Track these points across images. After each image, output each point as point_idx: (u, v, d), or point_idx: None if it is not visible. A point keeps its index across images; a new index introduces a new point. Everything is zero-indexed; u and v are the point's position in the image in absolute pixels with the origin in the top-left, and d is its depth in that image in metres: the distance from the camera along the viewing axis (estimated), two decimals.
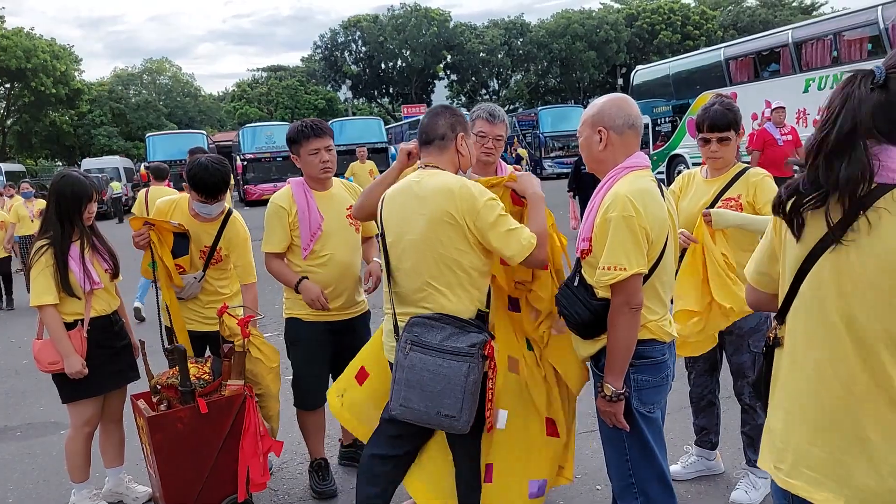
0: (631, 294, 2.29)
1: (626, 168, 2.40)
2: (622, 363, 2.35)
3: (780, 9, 50.04)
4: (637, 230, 2.26)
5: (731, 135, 3.27)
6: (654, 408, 2.47)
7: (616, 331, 2.32)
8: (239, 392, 3.35)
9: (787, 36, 15.22)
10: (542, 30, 52.00)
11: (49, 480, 4.20)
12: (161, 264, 3.60)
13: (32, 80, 39.57)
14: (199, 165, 3.53)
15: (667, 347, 2.47)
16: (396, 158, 3.16)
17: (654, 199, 2.34)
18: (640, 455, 2.46)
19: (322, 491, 3.76)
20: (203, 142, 28.92)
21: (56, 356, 3.36)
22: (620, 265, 2.25)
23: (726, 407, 4.50)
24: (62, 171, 3.63)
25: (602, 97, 2.54)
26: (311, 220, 3.51)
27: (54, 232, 3.39)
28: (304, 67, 59.60)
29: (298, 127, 3.54)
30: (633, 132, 2.45)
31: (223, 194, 3.66)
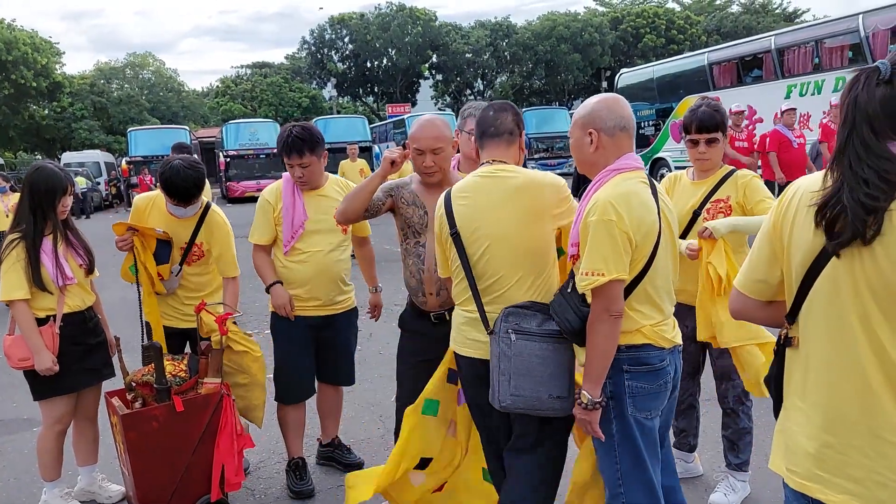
0: (611, 301, 2.24)
1: (615, 170, 2.35)
2: (600, 371, 2.30)
3: (764, 15, 50.52)
4: (617, 235, 2.22)
5: (718, 136, 3.26)
6: (650, 415, 2.40)
7: (594, 337, 2.27)
8: (216, 390, 3.31)
9: (770, 42, 15.37)
10: (528, 31, 52.11)
11: (20, 479, 4.13)
12: (143, 270, 3.57)
13: (12, 73, 39.04)
14: (172, 169, 3.46)
15: (666, 353, 2.39)
16: (380, 167, 3.11)
17: (641, 202, 2.29)
18: (632, 464, 2.40)
19: (300, 491, 3.73)
20: (186, 137, 28.65)
21: (27, 353, 3.28)
22: (598, 270, 2.21)
23: (705, 410, 4.53)
24: (37, 163, 3.55)
25: (593, 97, 2.49)
26: (295, 217, 3.54)
27: (27, 225, 3.32)
28: (290, 65, 59.32)
29: (281, 137, 3.57)
30: (625, 134, 2.40)
31: (196, 198, 3.61)
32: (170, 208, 3.63)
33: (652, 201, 2.33)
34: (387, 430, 4.05)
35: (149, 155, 27.76)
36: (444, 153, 3.05)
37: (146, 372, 3.32)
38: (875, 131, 1.47)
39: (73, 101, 45.49)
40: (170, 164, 3.49)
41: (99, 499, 3.74)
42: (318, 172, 3.57)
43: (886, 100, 1.47)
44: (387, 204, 3.19)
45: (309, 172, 3.54)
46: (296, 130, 3.51)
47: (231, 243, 3.80)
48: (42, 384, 3.37)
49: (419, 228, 3.12)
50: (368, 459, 4.06)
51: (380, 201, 3.16)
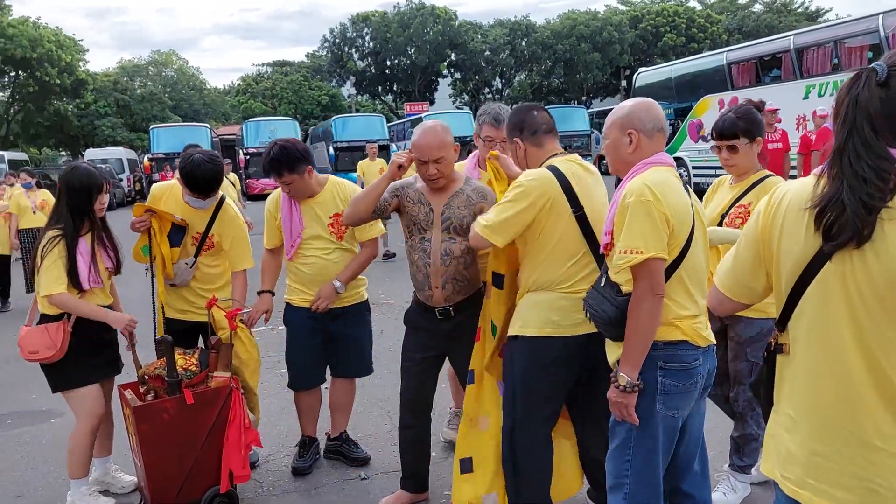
0: (654, 279, 2.23)
1: (648, 164, 2.39)
2: (640, 353, 2.29)
3: (786, 14, 49.97)
4: (655, 214, 2.23)
5: (739, 143, 3.24)
6: (677, 413, 2.40)
7: (636, 318, 2.26)
8: (225, 384, 3.39)
9: (789, 42, 15.26)
10: (548, 30, 51.95)
11: (37, 468, 4.24)
12: (158, 251, 3.67)
13: (37, 70, 39.58)
14: (193, 163, 3.55)
15: (700, 353, 2.38)
16: (388, 170, 3.20)
17: (674, 190, 2.33)
18: (643, 461, 2.40)
19: (295, 467, 3.93)
20: (207, 135, 28.96)
21: (37, 346, 3.34)
22: (637, 248, 2.22)
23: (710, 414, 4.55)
24: (72, 163, 3.62)
25: (629, 100, 2.55)
26: (293, 228, 3.71)
27: (66, 225, 3.37)
28: (310, 63, 59.60)
29: (263, 156, 3.67)
30: (662, 135, 2.48)
31: (215, 192, 3.71)
32: (187, 199, 3.72)
33: (685, 193, 2.39)
34: (394, 426, 4.10)
35: (170, 152, 28.02)
36: (445, 161, 3.13)
37: (158, 365, 3.41)
38: (875, 130, 1.47)
39: (96, 99, 46.05)
40: (190, 158, 3.58)
41: (112, 489, 3.81)
42: (303, 187, 3.64)
43: (883, 101, 1.47)
44: (393, 204, 3.27)
45: (293, 189, 3.64)
46: (274, 151, 3.58)
47: (242, 237, 3.90)
48: (56, 377, 3.44)
49: (425, 225, 3.20)
50: (375, 454, 4.13)
51: (386, 202, 3.26)
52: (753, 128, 3.25)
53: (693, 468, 2.60)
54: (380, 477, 3.89)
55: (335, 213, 3.69)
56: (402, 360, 3.47)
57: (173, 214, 3.70)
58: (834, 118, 1.56)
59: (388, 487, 3.71)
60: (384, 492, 3.66)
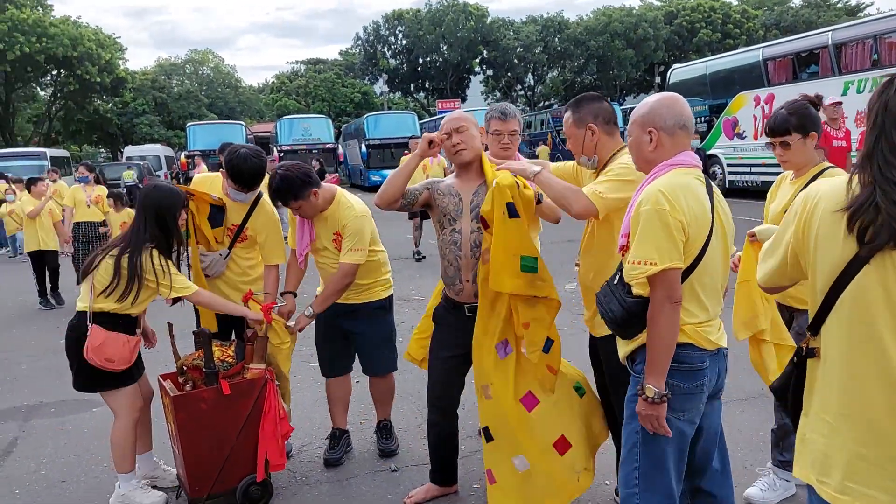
0: (671, 288, 2.21)
1: (671, 165, 2.34)
2: (663, 362, 2.26)
3: (825, 9, 48.96)
4: (670, 223, 2.19)
5: (791, 139, 3.18)
6: (683, 416, 2.36)
7: (656, 327, 2.23)
8: (260, 375, 3.49)
9: (828, 37, 14.99)
10: (581, 27, 51.60)
11: (80, 456, 4.39)
12: (199, 232, 3.81)
13: (78, 69, 40.42)
14: (239, 157, 3.65)
15: (708, 356, 2.35)
16: (419, 146, 3.30)
17: (694, 196, 2.26)
18: (652, 466, 2.37)
19: (327, 458, 4.04)
20: (242, 132, 29.34)
21: (116, 356, 3.36)
22: (650, 259, 2.18)
23: (741, 409, 4.56)
24: (152, 182, 3.71)
25: (652, 96, 2.48)
26: (303, 238, 3.82)
27: (159, 244, 3.43)
28: (343, 61, 60.01)
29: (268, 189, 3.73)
30: (685, 132, 2.39)
31: (258, 185, 3.81)
32: (230, 192, 3.82)
33: (706, 198, 2.31)
34: (424, 420, 4.17)
35: (207, 149, 28.49)
36: (467, 131, 3.23)
37: (196, 357, 3.52)
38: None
39: (135, 97, 46.94)
40: (237, 152, 3.67)
41: (161, 483, 3.85)
42: (311, 208, 3.69)
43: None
44: (423, 195, 3.33)
45: (303, 212, 3.72)
46: (276, 182, 3.60)
47: (276, 231, 4.00)
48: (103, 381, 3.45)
49: (454, 215, 3.26)
50: (406, 447, 4.21)
51: (417, 192, 3.33)
52: (807, 122, 3.18)
53: (712, 466, 2.58)
54: (410, 469, 3.96)
55: (336, 233, 3.77)
56: (430, 357, 3.51)
57: (210, 194, 3.80)
58: (866, 122, 1.56)
59: (417, 480, 3.78)
60: (414, 484, 3.73)
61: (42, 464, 4.30)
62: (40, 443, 4.63)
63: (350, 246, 3.67)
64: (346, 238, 3.69)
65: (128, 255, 3.35)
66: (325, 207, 3.75)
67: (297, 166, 3.66)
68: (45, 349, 6.95)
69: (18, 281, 11.36)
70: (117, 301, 3.36)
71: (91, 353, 3.33)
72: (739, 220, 11.36)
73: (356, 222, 3.68)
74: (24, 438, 4.72)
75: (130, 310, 3.43)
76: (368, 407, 4.61)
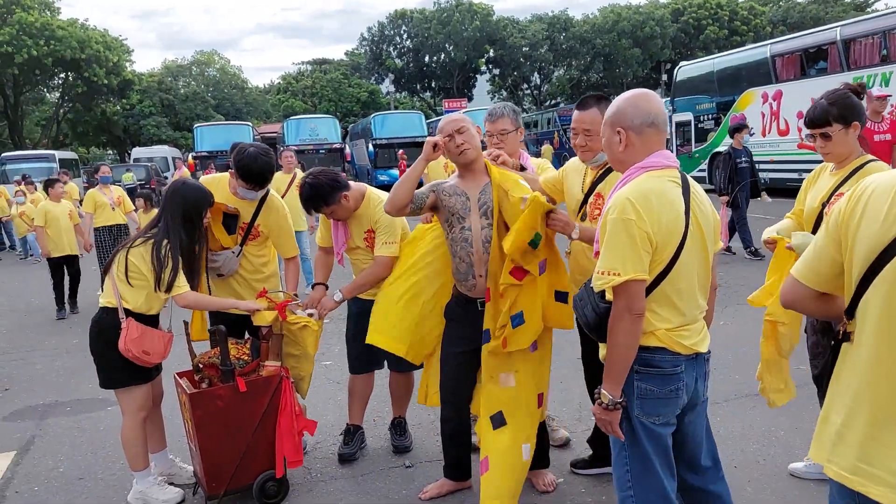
0: (632, 300, 2.19)
1: (642, 168, 2.29)
2: (620, 371, 2.26)
3: (833, 5, 48.78)
4: (636, 234, 2.16)
5: (832, 130, 3.12)
6: (658, 420, 2.34)
7: (615, 336, 2.23)
8: (276, 373, 3.52)
9: (836, 33, 14.95)
10: (587, 25, 51.54)
11: (97, 453, 4.44)
12: (212, 237, 3.86)
13: (85, 71, 40.64)
14: (249, 156, 3.68)
15: (683, 360, 2.32)
16: (423, 150, 3.33)
17: (664, 202, 2.21)
18: (641, 468, 2.36)
19: (340, 454, 4.09)
20: (249, 133, 29.45)
21: (153, 349, 3.43)
22: (614, 270, 2.17)
23: (753, 405, 4.57)
24: (179, 180, 3.76)
25: (624, 94, 2.44)
26: (338, 237, 3.92)
27: (181, 239, 3.47)
28: (349, 61, 60.10)
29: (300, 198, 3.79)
30: (654, 130, 2.33)
31: (268, 183, 3.86)
32: (239, 191, 3.86)
33: (680, 201, 2.26)
34: (436, 416, 4.19)
35: (214, 150, 28.64)
36: (467, 131, 3.27)
37: (212, 354, 3.55)
38: None
39: (142, 98, 47.13)
40: (246, 152, 3.71)
41: (178, 480, 3.88)
42: (344, 211, 3.76)
43: None
44: (430, 199, 3.36)
45: (336, 215, 3.79)
46: (305, 192, 3.70)
47: (286, 226, 4.06)
48: (119, 376, 3.50)
49: (463, 213, 3.29)
50: (419, 443, 4.24)
51: (424, 195, 3.35)
52: (848, 112, 3.10)
53: (701, 464, 2.56)
54: (423, 465, 3.99)
55: (368, 230, 3.84)
56: (442, 353, 3.53)
57: (225, 204, 3.84)
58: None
59: (431, 475, 3.81)
60: (428, 479, 3.76)
61: (60, 461, 4.35)
62: (57, 441, 4.68)
63: (384, 240, 3.75)
64: (380, 233, 3.77)
65: (165, 244, 3.41)
66: (358, 207, 3.81)
67: (324, 172, 3.75)
68: (60, 349, 7.02)
69: (31, 282, 11.46)
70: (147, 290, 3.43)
71: (129, 345, 3.37)
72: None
73: (387, 217, 3.71)
74: (41, 437, 4.77)
75: (151, 310, 3.48)
76: (381, 404, 4.64)
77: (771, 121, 16.69)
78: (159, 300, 3.49)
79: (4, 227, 16.66)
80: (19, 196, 14.90)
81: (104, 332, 3.45)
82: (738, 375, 5.06)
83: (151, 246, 3.41)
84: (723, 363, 5.26)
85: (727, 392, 4.74)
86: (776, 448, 3.94)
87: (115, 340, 3.37)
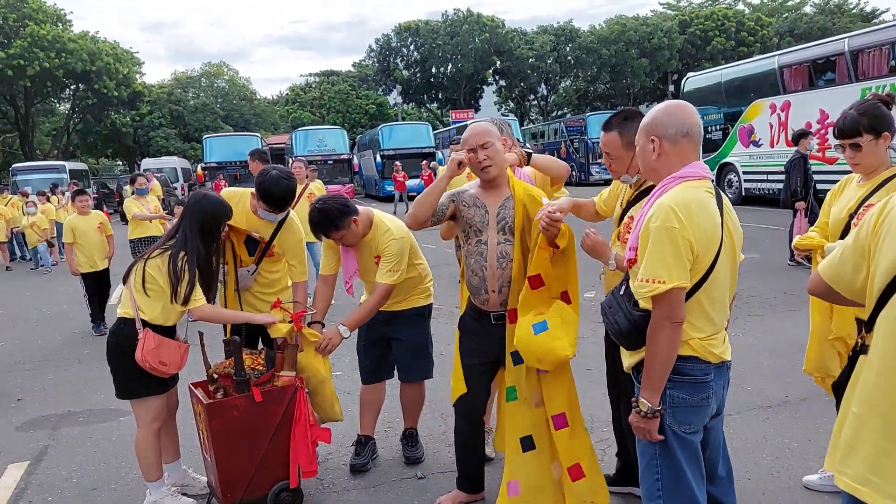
0: (673, 308, 2.20)
1: (679, 178, 2.31)
2: (660, 379, 2.27)
3: (840, 16, 48.77)
4: (679, 242, 2.17)
5: (863, 140, 3.10)
6: (689, 429, 2.35)
7: (655, 345, 2.24)
8: (291, 383, 3.54)
9: (844, 44, 14.97)
10: (594, 36, 51.66)
11: (109, 463, 4.45)
12: (231, 259, 3.93)
13: (96, 83, 40.97)
14: (270, 179, 3.69)
15: (712, 369, 2.34)
16: (447, 168, 3.29)
17: (703, 211, 2.24)
18: (672, 476, 2.36)
19: (352, 465, 4.09)
20: (258, 144, 29.64)
21: (170, 360, 3.45)
22: (659, 278, 2.18)
23: (765, 417, 4.55)
24: (201, 191, 3.77)
25: (660, 104, 2.46)
26: (348, 266, 3.92)
27: (199, 251, 3.49)
28: (356, 72, 60.36)
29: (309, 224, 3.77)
30: (688, 140, 2.35)
31: (289, 206, 3.88)
32: (259, 212, 3.88)
33: (716, 211, 2.29)
34: (448, 427, 4.19)
35: (222, 161, 28.83)
36: (492, 147, 3.21)
37: (227, 365, 3.57)
38: None
39: (151, 110, 47.41)
40: (268, 174, 3.71)
41: (191, 491, 3.89)
42: (354, 236, 3.75)
43: None
44: (450, 209, 3.35)
45: (345, 241, 3.78)
46: (315, 216, 3.67)
47: (300, 251, 4.07)
48: (137, 386, 3.51)
49: (480, 227, 3.26)
50: (430, 454, 4.24)
51: (444, 206, 3.33)
52: (878, 123, 3.08)
53: (718, 473, 2.59)
54: (436, 476, 3.99)
55: (377, 255, 3.81)
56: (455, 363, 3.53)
57: (250, 231, 3.91)
58: None
59: (444, 487, 3.81)
60: (440, 491, 3.76)
61: (73, 472, 4.36)
62: (70, 451, 4.70)
63: (388, 268, 3.74)
64: (384, 260, 3.75)
65: (182, 257, 3.42)
66: (367, 232, 3.81)
67: (333, 198, 3.72)
68: (71, 359, 7.05)
69: (43, 292, 11.52)
70: (165, 301, 3.44)
71: (146, 356, 3.38)
72: (756, 227, 11.39)
73: (395, 245, 3.73)
74: (53, 447, 4.79)
75: (168, 321, 3.50)
76: (392, 415, 4.65)
77: (779, 132, 16.68)
78: (176, 312, 3.50)
79: (16, 238, 16.76)
80: (30, 207, 15.01)
81: (121, 342, 3.47)
82: (750, 387, 5.04)
83: (168, 258, 3.43)
84: (734, 375, 5.19)
85: (739, 404, 4.72)
86: (790, 460, 3.93)
87: (132, 351, 3.39)
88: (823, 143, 13.83)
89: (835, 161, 14.49)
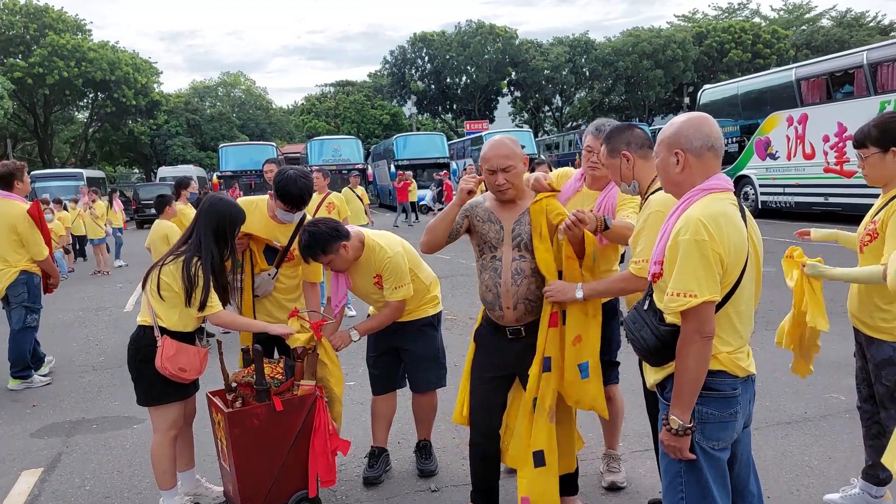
0: (703, 322, 2.17)
1: (704, 190, 2.28)
2: (690, 395, 2.23)
3: (857, 29, 48.52)
4: (710, 255, 2.15)
5: (867, 152, 3.08)
6: (717, 445, 2.31)
7: (685, 360, 2.20)
8: (310, 392, 3.53)
9: (863, 57, 14.86)
10: (609, 47, 51.66)
11: (122, 471, 4.44)
12: (248, 267, 3.93)
13: (115, 92, 41.43)
14: (288, 178, 3.72)
15: (740, 383, 2.31)
16: (457, 196, 3.25)
17: (732, 224, 2.21)
18: (697, 494, 2.31)
19: (365, 477, 4.07)
20: (273, 153, 29.85)
21: (189, 365, 3.45)
22: (690, 292, 2.14)
23: (785, 433, 4.48)
24: (213, 195, 3.74)
25: (680, 116, 2.42)
26: (339, 290, 3.91)
27: (213, 256, 3.48)
28: (372, 83, 60.68)
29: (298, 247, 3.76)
30: (713, 153, 2.32)
31: (306, 205, 3.89)
32: (278, 214, 3.89)
33: (742, 224, 2.27)
34: (462, 440, 4.15)
35: (238, 169, 29.01)
36: (514, 170, 3.16)
37: (246, 373, 3.55)
38: None
39: (168, 119, 47.86)
40: (285, 173, 3.74)
41: (204, 500, 3.88)
42: (342, 262, 3.71)
43: None
44: (464, 225, 3.33)
45: (333, 266, 3.75)
46: (304, 239, 3.62)
47: None
48: (157, 393, 3.51)
49: (495, 243, 3.23)
50: (443, 467, 4.20)
51: (459, 224, 3.31)
52: (886, 137, 3.03)
53: (749, 489, 2.53)
54: (450, 489, 3.95)
55: (376, 276, 3.79)
56: (472, 378, 3.48)
57: (270, 240, 3.91)
58: None
59: (457, 500, 3.77)
60: None
61: (87, 479, 4.36)
62: (84, 458, 4.70)
63: (393, 285, 3.73)
64: (387, 277, 3.74)
65: (196, 262, 3.41)
66: (358, 256, 3.78)
67: (325, 221, 3.68)
68: (86, 366, 7.06)
69: (57, 299, 11.56)
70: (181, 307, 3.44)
71: (165, 363, 3.38)
72: (772, 241, 11.28)
73: (391, 263, 3.72)
74: (67, 454, 4.79)
75: (186, 327, 3.49)
76: (406, 427, 4.62)
77: (796, 144, 16.58)
78: (193, 318, 3.49)
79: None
80: (47, 214, 15.13)
81: (141, 349, 3.47)
82: (769, 402, 4.97)
83: (182, 263, 3.43)
84: None
85: (758, 419, 4.65)
86: (810, 478, 3.86)
87: (152, 358, 3.40)
88: (841, 157, 13.72)
89: (853, 174, 14.37)
